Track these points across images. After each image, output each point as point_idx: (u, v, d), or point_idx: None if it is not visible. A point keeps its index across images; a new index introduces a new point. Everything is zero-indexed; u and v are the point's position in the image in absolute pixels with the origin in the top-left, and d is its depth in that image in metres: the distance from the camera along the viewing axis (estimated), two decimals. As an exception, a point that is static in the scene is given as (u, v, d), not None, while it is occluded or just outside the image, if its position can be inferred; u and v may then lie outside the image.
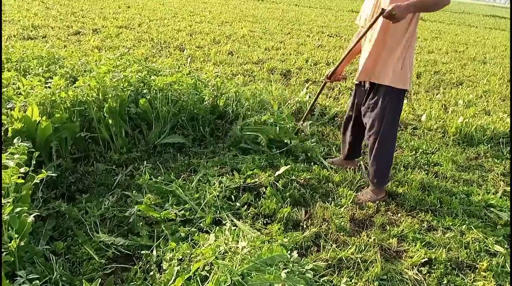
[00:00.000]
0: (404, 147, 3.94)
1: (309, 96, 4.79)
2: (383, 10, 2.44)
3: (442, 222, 2.79)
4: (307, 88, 5.29)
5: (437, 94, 5.82)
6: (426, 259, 2.40)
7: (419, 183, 3.25)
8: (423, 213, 2.89)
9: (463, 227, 2.74)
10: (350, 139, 3.24)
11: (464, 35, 13.67)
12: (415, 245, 2.52)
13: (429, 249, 2.49)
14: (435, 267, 2.36)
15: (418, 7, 2.43)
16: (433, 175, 3.46)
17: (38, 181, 1.98)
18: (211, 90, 3.85)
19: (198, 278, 1.97)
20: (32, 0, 11.46)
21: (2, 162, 1.97)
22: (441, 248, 2.50)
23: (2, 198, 1.74)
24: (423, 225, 2.76)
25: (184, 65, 5.89)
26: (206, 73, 4.42)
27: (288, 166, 3.13)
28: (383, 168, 2.92)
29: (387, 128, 2.79)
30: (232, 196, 2.78)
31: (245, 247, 2.08)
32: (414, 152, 3.84)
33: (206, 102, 3.78)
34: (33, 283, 1.64)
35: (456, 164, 3.71)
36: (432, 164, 3.68)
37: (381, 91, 2.75)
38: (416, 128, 4.46)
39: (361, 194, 3.03)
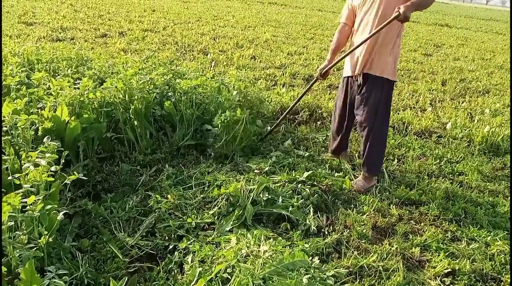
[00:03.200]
0: (428, 155, 3.89)
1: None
2: (399, 14, 2.60)
3: (467, 233, 2.74)
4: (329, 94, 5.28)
5: (462, 102, 5.72)
6: (449, 270, 2.36)
7: (443, 192, 3.20)
8: (447, 223, 2.84)
9: (488, 238, 2.69)
10: (343, 133, 3.37)
11: (491, 43, 13.39)
12: (439, 255, 2.48)
13: (453, 260, 2.45)
14: (459, 278, 2.32)
15: (417, 5, 2.65)
16: (458, 185, 3.40)
17: (69, 182, 2.04)
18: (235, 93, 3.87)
19: (219, 280, 1.99)
20: (61, 3, 11.78)
21: (34, 160, 2.03)
22: (465, 259, 2.46)
23: (33, 195, 1.80)
24: (446, 235, 2.72)
25: (208, 69, 5.96)
26: (229, 77, 4.45)
27: (310, 172, 3.13)
28: (377, 157, 3.10)
29: (380, 119, 2.97)
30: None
31: (266, 251, 2.09)
32: (438, 161, 3.79)
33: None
34: (62, 278, 1.69)
35: (482, 173, 3.64)
36: (457, 173, 3.62)
37: (376, 83, 2.92)
38: (441, 136, 4.39)
39: (354, 183, 3.16)
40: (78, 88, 3.20)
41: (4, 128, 2.56)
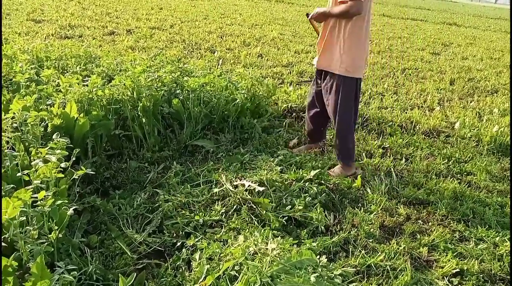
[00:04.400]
0: (436, 154, 3.87)
1: None
2: (307, 14, 3.15)
3: (475, 233, 2.73)
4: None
5: (471, 102, 5.69)
6: (457, 270, 2.35)
7: (452, 192, 3.18)
8: (455, 223, 2.83)
9: (497, 238, 2.67)
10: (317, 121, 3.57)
11: (500, 42, 13.27)
12: (446, 255, 2.47)
13: (461, 260, 2.44)
14: (467, 278, 2.31)
15: (329, 15, 3.02)
16: (466, 184, 3.38)
17: (77, 177, 2.05)
18: (243, 92, 3.88)
19: (227, 278, 1.99)
20: (69, 0, 11.83)
21: (44, 156, 2.05)
22: (473, 259, 2.45)
23: (44, 191, 1.81)
24: (454, 235, 2.71)
25: (215, 66, 5.96)
26: (237, 75, 4.45)
27: (318, 170, 3.12)
28: (344, 146, 3.24)
29: (342, 112, 3.13)
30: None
31: (274, 249, 2.09)
32: (446, 160, 3.76)
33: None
34: (72, 273, 1.70)
35: (490, 174, 3.62)
36: (465, 173, 3.60)
37: (333, 79, 3.11)
38: (449, 136, 4.37)
39: (332, 171, 3.29)
40: (87, 85, 3.22)
41: (14, 125, 2.58)
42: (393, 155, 3.78)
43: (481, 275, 2.34)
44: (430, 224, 2.80)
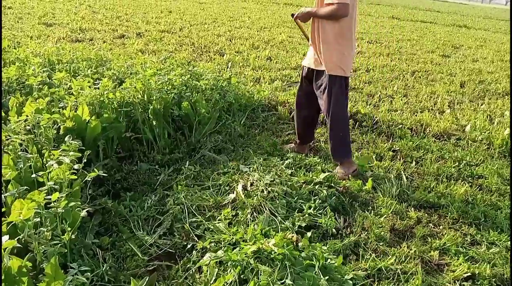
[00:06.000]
0: (447, 157, 3.84)
1: None
2: (292, 15, 3.24)
3: (487, 237, 2.70)
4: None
5: (481, 105, 5.64)
6: (469, 274, 2.33)
7: (463, 195, 3.16)
8: (466, 226, 2.81)
9: (509, 242, 2.64)
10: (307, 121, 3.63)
11: (511, 44, 13.13)
12: (458, 259, 2.45)
13: (473, 264, 2.42)
14: (479, 282, 2.29)
15: (315, 15, 3.09)
16: (477, 188, 3.35)
17: (90, 179, 2.07)
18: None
19: (237, 281, 2.00)
20: (79, 4, 11.96)
21: (57, 158, 2.07)
22: (485, 263, 2.43)
23: (57, 192, 1.83)
24: (466, 238, 2.69)
25: (224, 69, 5.98)
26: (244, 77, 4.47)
27: (327, 173, 3.12)
28: (343, 142, 3.28)
29: (337, 109, 3.18)
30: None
31: (285, 252, 2.09)
32: (457, 163, 3.73)
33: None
34: (85, 275, 1.72)
35: (502, 177, 3.58)
36: (476, 176, 3.57)
37: (325, 78, 3.16)
38: (460, 139, 4.34)
39: (336, 172, 3.27)
40: (98, 88, 3.26)
41: (27, 127, 2.61)
42: (403, 158, 3.77)
43: (493, 279, 2.32)
44: (441, 227, 2.79)
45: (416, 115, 4.88)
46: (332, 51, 3.09)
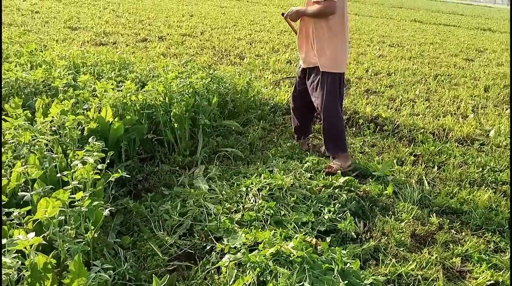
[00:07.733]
0: (470, 163, 3.77)
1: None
2: (283, 14, 3.37)
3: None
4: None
5: (506, 109, 5.51)
6: (492, 282, 2.29)
7: (486, 201, 3.09)
8: (489, 233, 2.75)
9: (535, 251, 2.58)
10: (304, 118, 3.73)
11: (538, 48, 12.80)
12: (481, 266, 2.40)
13: (496, 271, 2.37)
14: (503, 291, 2.24)
15: (304, 14, 3.20)
16: (501, 194, 3.27)
17: (113, 179, 2.12)
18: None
19: (256, 283, 2.00)
20: (103, 8, 12.21)
21: (81, 158, 2.12)
22: (509, 271, 2.37)
23: (81, 192, 1.88)
24: (489, 245, 2.63)
25: (245, 73, 6.01)
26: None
27: (347, 177, 3.10)
28: (338, 136, 3.34)
29: (330, 106, 3.24)
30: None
31: (304, 255, 2.08)
32: (481, 169, 3.66)
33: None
34: (107, 272, 1.75)
35: (528, 183, 3.49)
36: (501, 182, 3.48)
37: (318, 75, 3.24)
38: (484, 144, 4.25)
39: (331, 167, 3.28)
40: (121, 90, 3.32)
41: (53, 128, 2.68)
42: (425, 163, 3.71)
43: (518, 288, 2.26)
44: (463, 234, 2.73)
45: (438, 119, 4.80)
46: (325, 48, 3.17)
